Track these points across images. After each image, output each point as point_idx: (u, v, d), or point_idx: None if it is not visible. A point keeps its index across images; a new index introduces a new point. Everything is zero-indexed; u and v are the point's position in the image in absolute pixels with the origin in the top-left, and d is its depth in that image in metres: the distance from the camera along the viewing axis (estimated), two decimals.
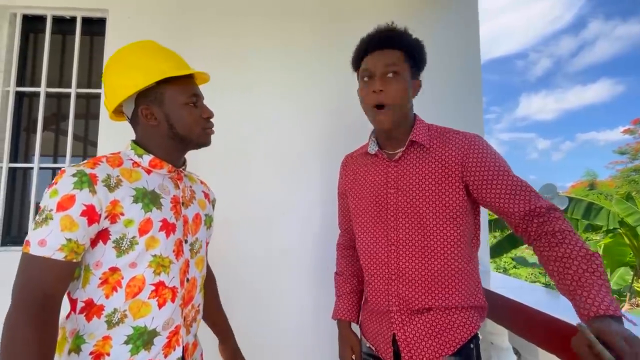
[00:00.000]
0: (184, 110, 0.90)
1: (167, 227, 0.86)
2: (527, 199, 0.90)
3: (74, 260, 0.76)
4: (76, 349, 0.79)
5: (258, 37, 1.74)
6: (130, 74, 0.87)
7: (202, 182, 1.11)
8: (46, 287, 0.74)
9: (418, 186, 1.00)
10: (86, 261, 0.81)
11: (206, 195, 1.08)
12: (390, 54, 1.00)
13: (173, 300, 0.86)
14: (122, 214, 0.80)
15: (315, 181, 1.68)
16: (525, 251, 12.41)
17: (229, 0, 1.75)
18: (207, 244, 1.05)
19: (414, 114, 1.09)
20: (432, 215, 0.97)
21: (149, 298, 0.83)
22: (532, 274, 13.86)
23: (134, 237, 0.81)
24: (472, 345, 0.99)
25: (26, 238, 0.76)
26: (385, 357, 1.02)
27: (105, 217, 0.79)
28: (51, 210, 0.75)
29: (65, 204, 0.75)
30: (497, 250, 9.10)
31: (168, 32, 1.70)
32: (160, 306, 0.84)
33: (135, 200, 0.82)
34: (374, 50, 1.02)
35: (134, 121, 0.92)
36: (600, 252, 9.84)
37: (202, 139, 0.94)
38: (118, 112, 0.94)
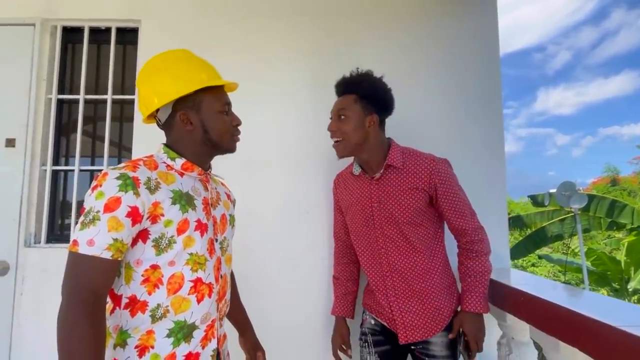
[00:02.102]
0: (218, 118, 0.96)
1: (201, 227, 0.91)
2: (463, 218, 1.27)
3: (119, 259, 0.81)
4: (122, 343, 0.84)
5: (285, 39, 1.81)
6: (173, 81, 0.92)
7: (223, 184, 1.16)
8: (96, 284, 0.79)
9: (394, 200, 1.28)
10: (126, 259, 0.85)
11: (228, 196, 1.14)
12: (344, 100, 1.30)
13: (210, 296, 0.91)
14: (163, 215, 0.85)
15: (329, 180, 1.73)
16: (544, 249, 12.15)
17: (255, 8, 1.82)
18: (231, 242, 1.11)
19: (389, 139, 1.36)
20: (406, 221, 1.27)
21: (188, 294, 0.88)
22: (550, 272, 13.58)
23: (172, 237, 0.86)
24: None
25: (73, 237, 0.79)
26: (392, 326, 1.32)
27: (147, 218, 0.83)
28: (98, 211, 0.79)
29: (111, 206, 0.79)
30: (519, 251, 8.91)
31: (197, 41, 1.78)
32: (199, 301, 0.89)
33: (174, 202, 0.87)
34: (337, 96, 1.36)
35: (167, 125, 0.97)
36: (624, 251, 9.57)
37: (230, 145, 1.01)
38: (150, 116, 0.99)
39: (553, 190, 7.69)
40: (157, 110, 0.96)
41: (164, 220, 0.85)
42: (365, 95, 1.28)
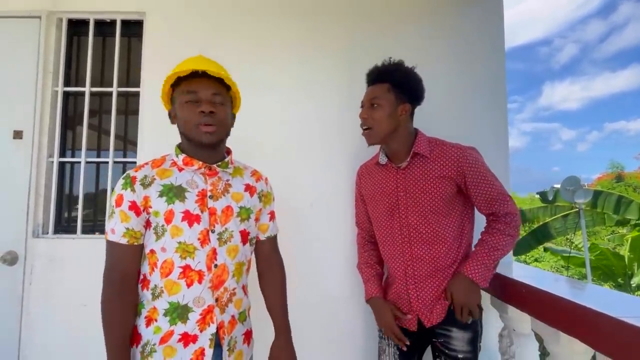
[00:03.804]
0: (184, 109, 1.00)
1: (190, 218, 0.99)
2: (492, 204, 1.24)
3: (136, 244, 0.99)
4: (139, 312, 1.01)
5: (288, 36, 1.81)
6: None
7: (253, 175, 1.16)
8: (122, 265, 0.98)
9: (421, 188, 1.27)
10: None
11: (248, 188, 1.11)
12: (377, 89, 1.29)
13: (200, 282, 0.98)
14: (151, 207, 0.98)
15: (340, 172, 1.75)
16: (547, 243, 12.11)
17: (260, 3, 1.82)
18: (247, 234, 1.09)
19: (415, 129, 1.34)
20: (432, 210, 1.26)
21: (178, 278, 0.98)
22: (553, 267, 13.57)
23: (163, 226, 0.98)
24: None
25: (105, 228, 1.00)
26: (409, 325, 1.30)
27: (143, 210, 0.98)
28: (112, 205, 0.98)
29: (118, 201, 0.97)
30: (522, 247, 8.88)
31: (202, 34, 1.79)
32: (188, 286, 0.98)
33: (161, 195, 0.98)
34: (368, 85, 1.34)
35: None
36: (627, 246, 9.55)
37: (196, 136, 0.99)
38: None
39: (557, 186, 7.66)
40: None
41: (152, 211, 0.98)
42: (398, 84, 1.27)
